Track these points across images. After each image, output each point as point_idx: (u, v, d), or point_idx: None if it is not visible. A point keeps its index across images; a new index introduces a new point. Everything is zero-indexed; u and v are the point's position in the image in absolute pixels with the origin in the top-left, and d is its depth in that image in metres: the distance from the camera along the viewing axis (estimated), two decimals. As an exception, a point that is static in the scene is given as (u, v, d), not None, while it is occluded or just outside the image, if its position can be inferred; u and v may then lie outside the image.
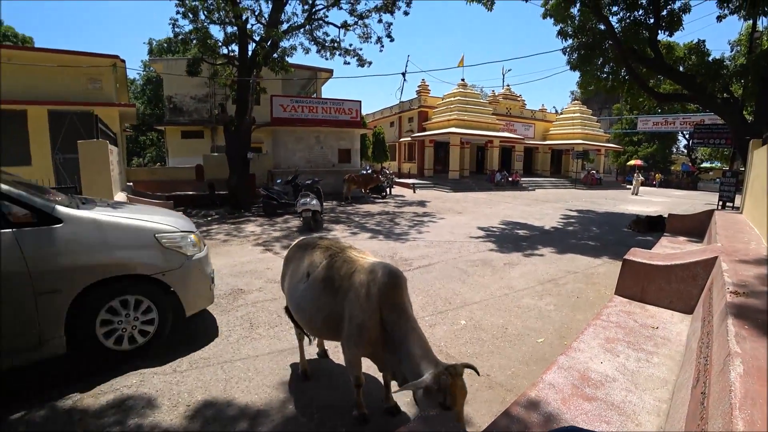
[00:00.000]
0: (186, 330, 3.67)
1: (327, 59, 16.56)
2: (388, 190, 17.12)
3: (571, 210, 14.34)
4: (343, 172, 16.86)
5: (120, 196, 7.11)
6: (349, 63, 15.56)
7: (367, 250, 2.74)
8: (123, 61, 14.03)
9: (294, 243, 2.92)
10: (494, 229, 9.62)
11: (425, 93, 28.15)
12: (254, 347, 3.45)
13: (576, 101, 33.35)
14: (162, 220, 3.38)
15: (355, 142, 19.39)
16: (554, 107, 43.61)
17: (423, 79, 28.83)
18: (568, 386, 2.41)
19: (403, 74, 27.53)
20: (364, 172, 16.43)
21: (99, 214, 3.07)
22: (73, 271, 2.80)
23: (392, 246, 7.50)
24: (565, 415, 2.12)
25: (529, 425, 2.00)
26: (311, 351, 3.27)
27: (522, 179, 26.10)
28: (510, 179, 24.75)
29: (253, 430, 2.41)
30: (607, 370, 2.62)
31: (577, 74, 11.94)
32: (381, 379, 2.66)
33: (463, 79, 26.84)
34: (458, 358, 3.27)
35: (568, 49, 11.50)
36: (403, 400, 2.67)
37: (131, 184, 12.36)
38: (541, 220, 11.56)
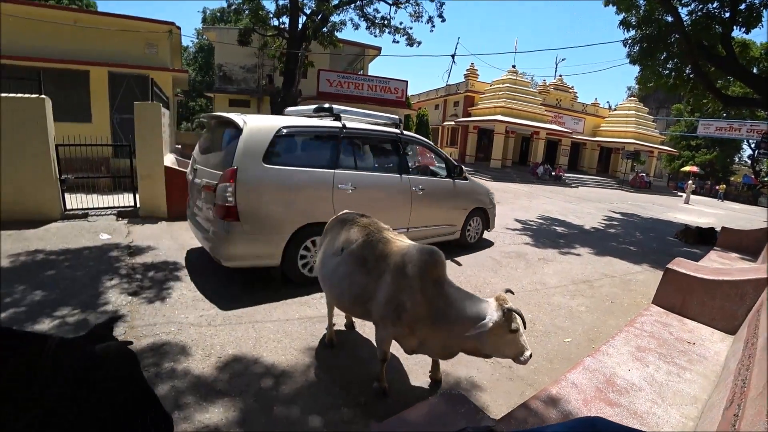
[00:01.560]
0: (225, 288, 3.88)
1: (376, 36, 16.44)
2: (425, 174, 16.97)
3: (614, 212, 13.74)
4: (382, 152, 16.82)
5: (169, 158, 7.44)
6: (398, 42, 15.37)
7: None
8: (178, 28, 14.43)
9: (334, 216, 2.99)
10: (532, 223, 9.40)
11: (473, 77, 27.40)
12: (285, 311, 3.59)
13: (632, 98, 31.46)
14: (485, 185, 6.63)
15: (397, 122, 19.26)
16: (608, 102, 41.35)
17: (472, 63, 28.05)
18: (591, 388, 2.38)
19: (453, 56, 26.87)
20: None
21: (474, 179, 6.38)
22: (468, 202, 5.94)
23: (424, 230, 7.49)
24: (585, 415, 2.10)
25: (545, 419, 2.01)
26: (339, 322, 3.38)
27: (566, 175, 25.17)
28: (553, 173, 23.93)
29: (277, 388, 2.54)
30: (635, 379, 2.56)
31: (636, 69, 11.23)
32: (403, 355, 2.72)
33: (513, 66, 25.89)
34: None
35: (629, 41, 10.81)
36: (424, 380, 2.72)
37: (180, 146, 12.89)
38: (582, 218, 11.17)
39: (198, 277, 4.27)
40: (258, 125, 3.83)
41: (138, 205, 6.77)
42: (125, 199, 6.93)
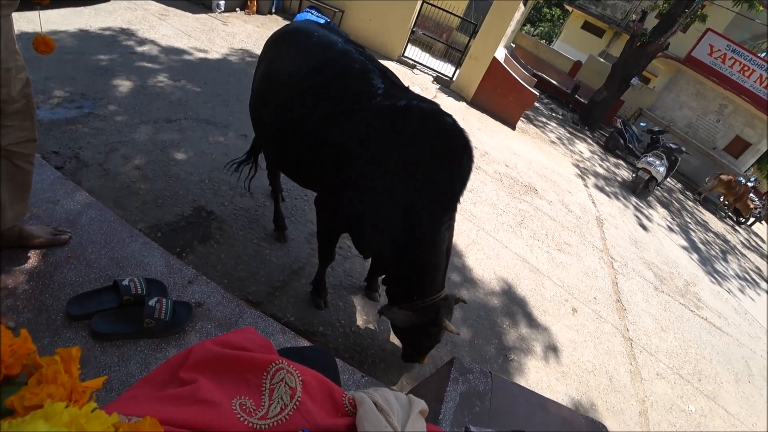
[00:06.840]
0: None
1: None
2: (751, 219, 12.08)
3: None
4: (718, 163, 12.86)
5: (501, 51, 7.51)
6: None
7: None
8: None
9: None
10: None
11: None
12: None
13: None
14: None
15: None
16: None
17: None
18: None
19: None
20: (746, 182, 11.46)
21: None
22: None
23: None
24: None
25: None
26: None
27: None
28: None
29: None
30: None
31: None
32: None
33: None
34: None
35: None
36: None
37: (514, 45, 12.82)
38: None
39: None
40: None
41: (453, 79, 7.35)
42: (447, 69, 7.68)
